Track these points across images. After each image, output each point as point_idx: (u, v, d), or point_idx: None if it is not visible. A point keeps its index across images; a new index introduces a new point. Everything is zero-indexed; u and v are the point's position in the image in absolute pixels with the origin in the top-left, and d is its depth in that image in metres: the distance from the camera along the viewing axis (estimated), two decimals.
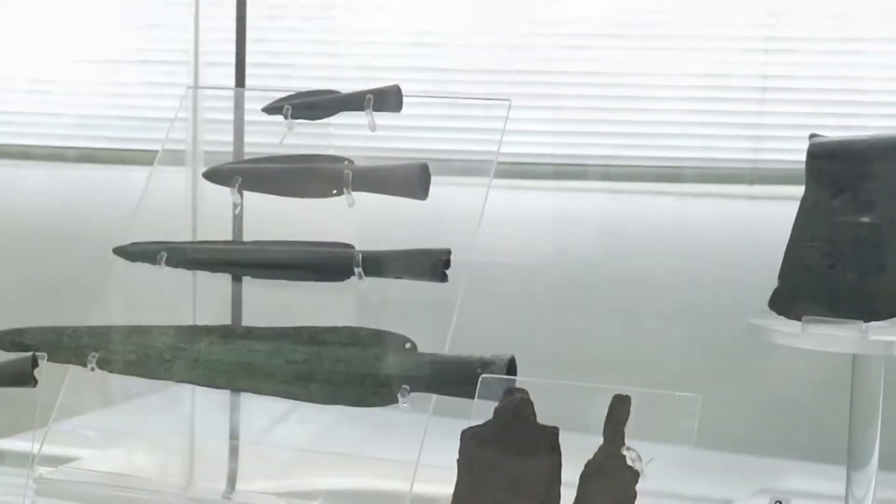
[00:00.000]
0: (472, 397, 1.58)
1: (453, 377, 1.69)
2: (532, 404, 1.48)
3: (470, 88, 2.40)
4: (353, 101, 1.93)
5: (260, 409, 2.20)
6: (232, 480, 2.06)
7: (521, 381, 1.55)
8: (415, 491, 1.68)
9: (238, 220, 2.15)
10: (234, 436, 2.25)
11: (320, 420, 2.03)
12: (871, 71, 2.32)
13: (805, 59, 2.36)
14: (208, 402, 2.23)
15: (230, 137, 2.35)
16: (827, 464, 1.86)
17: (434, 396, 1.72)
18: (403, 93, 1.94)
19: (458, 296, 1.78)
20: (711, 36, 2.40)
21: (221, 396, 2.19)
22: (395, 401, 1.74)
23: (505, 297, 2.34)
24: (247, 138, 2.35)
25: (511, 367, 1.69)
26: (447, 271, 1.82)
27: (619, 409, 1.45)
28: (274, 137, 2.00)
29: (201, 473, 2.10)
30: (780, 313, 1.74)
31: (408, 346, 1.76)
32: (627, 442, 1.44)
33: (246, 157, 2.30)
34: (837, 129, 2.24)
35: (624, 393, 1.46)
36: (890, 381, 1.76)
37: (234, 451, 2.19)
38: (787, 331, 1.72)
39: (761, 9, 2.37)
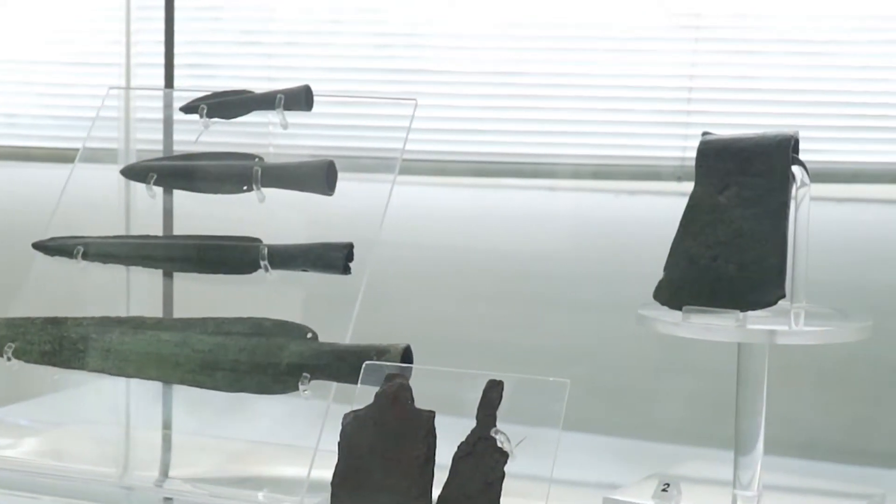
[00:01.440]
0: None
1: (351, 365, 1.74)
2: (410, 389, 1.55)
3: (410, 89, 2.48)
4: (265, 101, 2.00)
5: (193, 400, 2.26)
6: (165, 469, 2.10)
7: (402, 367, 1.61)
8: (318, 476, 1.73)
9: (168, 216, 2.21)
10: (167, 426, 2.31)
11: (258, 411, 2.10)
12: (797, 71, 2.38)
13: (731, 59, 2.42)
14: (142, 393, 2.29)
15: (161, 136, 2.41)
16: (718, 449, 1.92)
17: (335, 384, 1.79)
18: (314, 92, 2.01)
19: (361, 287, 1.85)
20: (641, 37, 2.46)
21: (155, 387, 2.25)
22: (297, 388, 1.80)
23: (420, 289, 2.41)
24: (176, 136, 2.41)
25: (407, 356, 1.75)
26: (350, 264, 1.89)
27: (492, 393, 1.51)
28: (204, 135, 2.07)
29: (134, 462, 2.15)
30: (663, 304, 1.80)
31: (309, 335, 1.83)
32: (500, 425, 1.51)
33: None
34: (762, 128, 2.32)
35: (497, 378, 1.53)
36: (774, 368, 1.83)
37: (167, 441, 2.24)
38: (670, 320, 1.78)
39: (688, 10, 2.43)
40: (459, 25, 2.52)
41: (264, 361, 1.82)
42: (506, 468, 1.49)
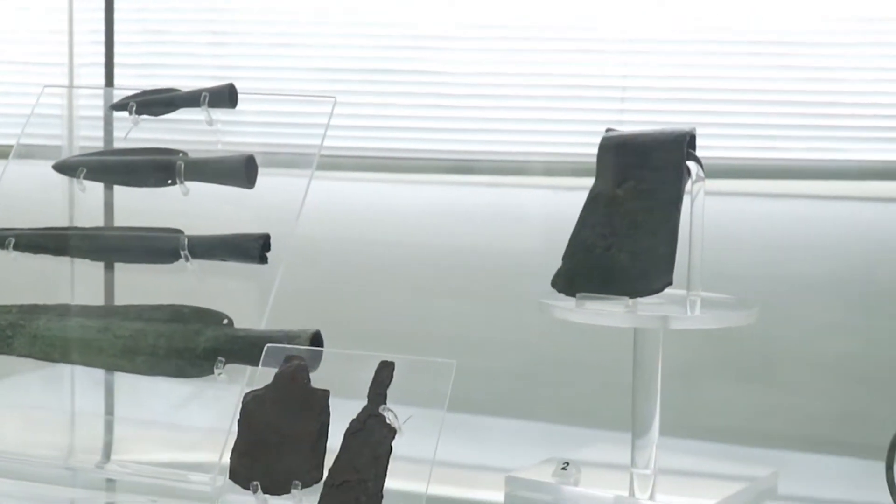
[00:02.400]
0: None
1: (262, 349, 1.83)
2: (307, 370, 1.64)
3: (338, 87, 2.57)
4: (191, 99, 2.09)
5: (135, 388, 2.34)
6: (107, 452, 2.18)
7: (300, 349, 1.70)
8: None
9: (109, 209, 2.30)
10: (109, 412, 2.39)
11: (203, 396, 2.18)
12: (724, 71, 2.45)
13: (663, 60, 2.50)
14: (86, 381, 2.37)
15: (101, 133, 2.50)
16: (619, 431, 2.00)
17: (249, 368, 1.87)
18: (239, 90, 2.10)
19: (277, 276, 1.94)
20: (576, 38, 2.54)
21: (98, 375, 2.33)
22: (212, 372, 1.89)
23: (333, 278, 2.50)
24: (117, 134, 2.49)
25: (317, 341, 1.84)
26: (267, 254, 1.97)
27: (383, 373, 1.60)
28: (137, 132, 2.16)
29: (77, 446, 2.22)
30: (560, 291, 1.88)
31: (225, 322, 1.92)
32: (393, 404, 1.60)
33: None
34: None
35: (389, 359, 1.62)
36: (672, 354, 1.91)
37: (109, 426, 2.32)
38: (564, 306, 1.87)
39: (621, 12, 2.51)
40: (411, 26, 2.60)
41: (181, 346, 1.91)
42: (396, 445, 1.58)
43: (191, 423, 2.23)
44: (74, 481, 1.98)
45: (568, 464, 1.90)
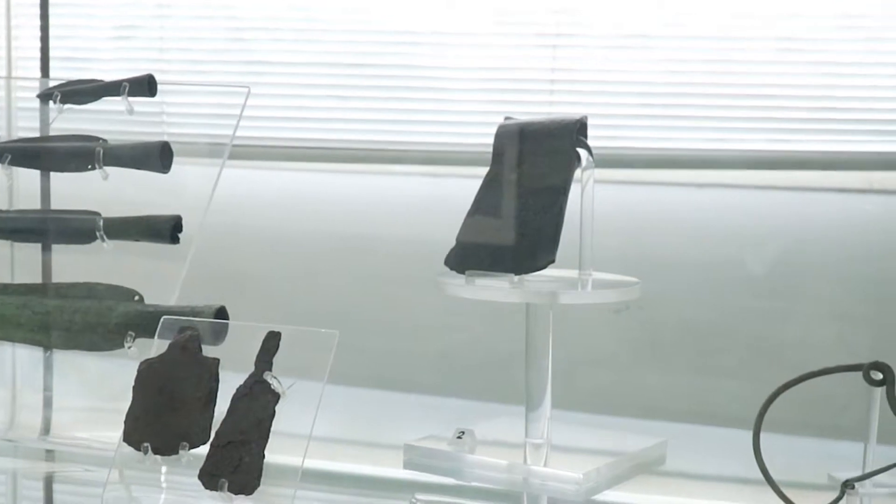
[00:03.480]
0: None
1: None
2: (199, 340, 1.74)
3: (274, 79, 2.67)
4: (112, 89, 2.18)
5: (74, 366, 2.42)
6: (47, 426, 2.27)
7: (195, 321, 1.79)
8: None
9: (45, 195, 2.39)
10: (48, 388, 2.48)
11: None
12: (652, 65, 2.54)
13: (589, 53, 2.59)
14: (26, 360, 2.45)
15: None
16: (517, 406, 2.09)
17: (157, 341, 1.96)
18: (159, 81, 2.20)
19: (188, 255, 2.04)
20: (505, 33, 2.63)
21: (37, 353, 2.41)
22: (123, 346, 1.99)
23: (254, 261, 2.60)
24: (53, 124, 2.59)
25: (221, 316, 1.94)
26: (179, 235, 2.07)
27: (270, 342, 1.71)
28: (64, 121, 2.25)
29: (18, 420, 2.29)
30: (451, 269, 1.98)
31: (136, 298, 2.02)
32: (275, 371, 1.70)
33: None
34: (620, 118, 2.50)
35: (276, 329, 1.72)
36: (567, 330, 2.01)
37: (48, 402, 2.41)
38: (455, 283, 1.97)
39: (549, 7, 2.60)
40: (340, 21, 2.68)
41: (95, 322, 2.01)
42: (285, 414, 1.67)
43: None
44: (16, 452, 2.09)
45: (464, 432, 1.99)
